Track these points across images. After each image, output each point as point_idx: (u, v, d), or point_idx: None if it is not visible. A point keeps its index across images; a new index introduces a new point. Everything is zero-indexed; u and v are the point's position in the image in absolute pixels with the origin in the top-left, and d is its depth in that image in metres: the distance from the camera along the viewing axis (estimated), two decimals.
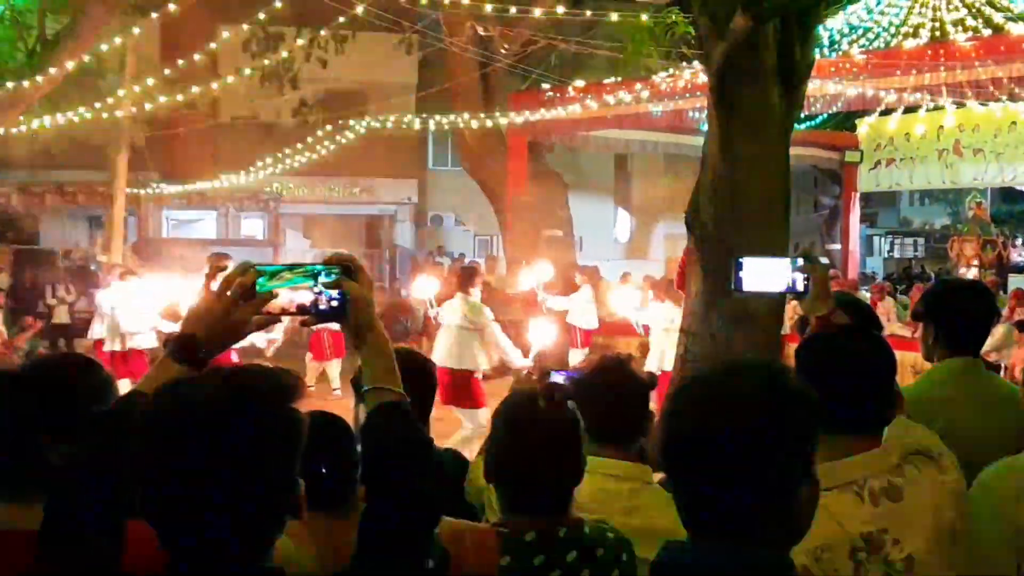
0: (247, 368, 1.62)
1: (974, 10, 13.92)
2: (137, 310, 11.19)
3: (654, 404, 3.02)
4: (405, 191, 27.56)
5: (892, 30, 14.37)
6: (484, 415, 8.97)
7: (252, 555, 1.55)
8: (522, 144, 17.53)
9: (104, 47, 12.97)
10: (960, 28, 13.50)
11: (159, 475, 1.50)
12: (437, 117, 17.90)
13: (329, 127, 18.79)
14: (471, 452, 3.73)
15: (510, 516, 2.32)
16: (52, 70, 11.90)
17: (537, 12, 14.57)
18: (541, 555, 2.24)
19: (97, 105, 13.43)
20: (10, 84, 11.74)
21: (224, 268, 1.88)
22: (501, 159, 18.17)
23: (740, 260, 2.88)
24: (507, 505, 2.34)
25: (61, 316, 16.75)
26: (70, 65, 12.02)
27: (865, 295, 14.25)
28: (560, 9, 13.51)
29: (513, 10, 13.90)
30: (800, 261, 2.92)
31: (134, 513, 1.93)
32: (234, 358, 10.58)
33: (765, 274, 2.91)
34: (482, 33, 15.23)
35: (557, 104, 15.80)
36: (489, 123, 16.89)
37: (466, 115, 17.12)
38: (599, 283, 15.94)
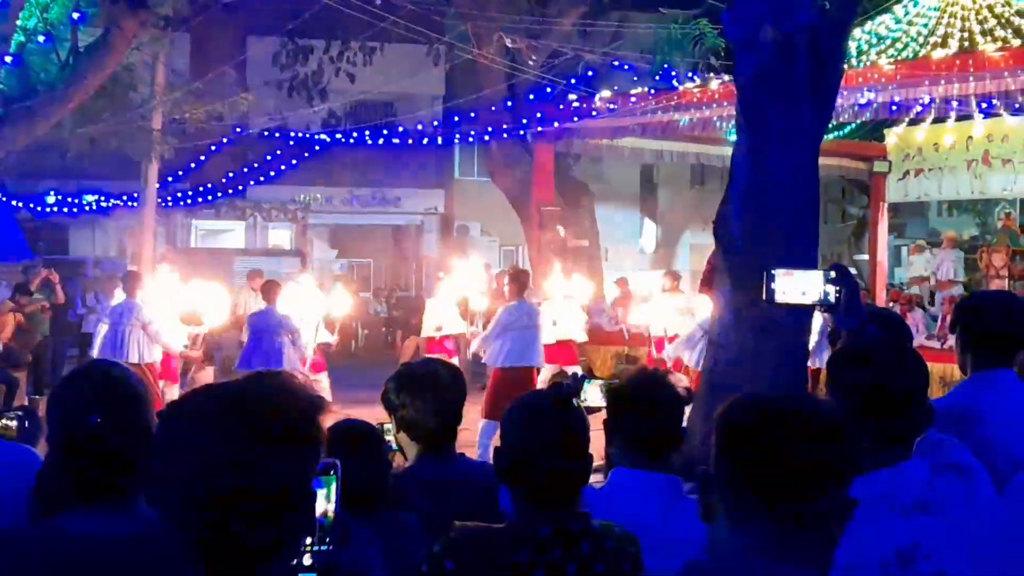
0: (280, 374, 1.63)
1: (1003, 20, 13.82)
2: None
3: None
4: (432, 201, 27.60)
5: (920, 40, 14.26)
6: None
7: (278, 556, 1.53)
8: (548, 154, 17.53)
9: (135, 59, 13.10)
10: (989, 38, 13.40)
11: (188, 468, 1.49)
12: (464, 127, 17.97)
13: (356, 136, 18.92)
14: None
15: (523, 514, 2.34)
16: (84, 81, 12.00)
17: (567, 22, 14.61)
18: (557, 550, 2.26)
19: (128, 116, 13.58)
20: (42, 96, 11.87)
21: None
22: (527, 169, 18.19)
23: (772, 272, 2.88)
24: (519, 503, 2.35)
25: (91, 325, 16.90)
26: (101, 77, 12.13)
27: (894, 307, 14.16)
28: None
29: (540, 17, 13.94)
30: (832, 273, 2.93)
31: None
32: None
33: (797, 286, 2.92)
34: (510, 44, 15.27)
35: (583, 114, 15.81)
36: (515, 133, 16.93)
37: (492, 126, 17.18)
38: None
